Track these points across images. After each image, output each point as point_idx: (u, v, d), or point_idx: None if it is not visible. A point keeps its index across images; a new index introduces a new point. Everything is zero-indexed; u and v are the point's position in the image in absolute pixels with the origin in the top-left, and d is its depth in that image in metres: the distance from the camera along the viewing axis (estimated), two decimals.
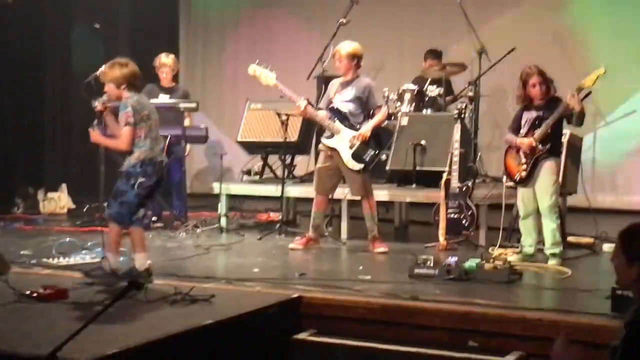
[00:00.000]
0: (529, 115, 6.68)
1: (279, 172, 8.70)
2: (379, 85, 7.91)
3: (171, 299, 5.05)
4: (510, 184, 6.91)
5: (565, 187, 7.36)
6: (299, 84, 8.25)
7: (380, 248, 7.19)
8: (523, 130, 6.69)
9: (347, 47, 7.20)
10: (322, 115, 7.28)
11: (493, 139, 9.53)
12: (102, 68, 5.79)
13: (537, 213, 6.66)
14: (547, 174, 6.61)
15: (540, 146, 6.56)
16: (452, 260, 5.98)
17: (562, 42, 9.90)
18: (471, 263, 5.91)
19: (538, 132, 6.56)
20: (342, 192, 7.69)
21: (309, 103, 7.43)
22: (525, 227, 6.74)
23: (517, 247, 6.85)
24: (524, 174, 6.64)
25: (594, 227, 7.63)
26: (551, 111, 6.55)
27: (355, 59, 7.20)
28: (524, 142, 6.61)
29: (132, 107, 5.53)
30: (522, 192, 6.73)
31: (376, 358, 4.70)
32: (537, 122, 6.60)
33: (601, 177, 9.71)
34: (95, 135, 5.82)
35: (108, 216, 5.77)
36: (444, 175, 7.37)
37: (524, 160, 6.64)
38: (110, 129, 5.85)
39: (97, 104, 5.70)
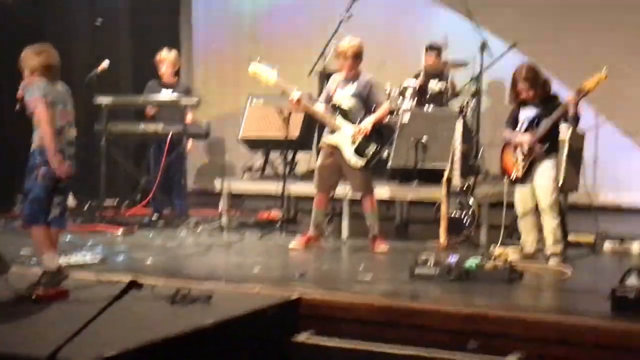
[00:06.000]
0: (526, 113, 6.66)
1: (280, 169, 8.68)
2: (381, 82, 7.88)
3: (171, 299, 5.03)
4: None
5: (565, 185, 7.33)
6: (300, 80, 8.24)
7: (381, 247, 7.17)
8: (521, 128, 6.66)
9: (349, 42, 7.16)
10: (319, 108, 7.24)
11: (495, 135, 9.47)
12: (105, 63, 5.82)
13: (536, 211, 6.64)
14: (546, 172, 6.59)
15: (538, 145, 6.54)
16: (453, 259, 5.96)
17: (563, 38, 9.87)
18: (472, 262, 5.89)
19: (538, 132, 6.54)
20: (343, 190, 7.68)
21: (310, 98, 7.36)
22: (525, 225, 6.72)
23: (519, 246, 6.83)
24: (520, 172, 6.62)
25: (595, 225, 7.61)
26: (548, 110, 6.53)
27: (357, 54, 7.16)
28: (524, 139, 6.59)
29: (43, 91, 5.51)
30: (519, 190, 6.71)
31: (376, 359, 4.69)
32: (535, 121, 6.58)
33: (603, 175, 9.67)
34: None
35: (22, 220, 5.54)
36: (446, 173, 7.34)
37: (521, 158, 6.62)
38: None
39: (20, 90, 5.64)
